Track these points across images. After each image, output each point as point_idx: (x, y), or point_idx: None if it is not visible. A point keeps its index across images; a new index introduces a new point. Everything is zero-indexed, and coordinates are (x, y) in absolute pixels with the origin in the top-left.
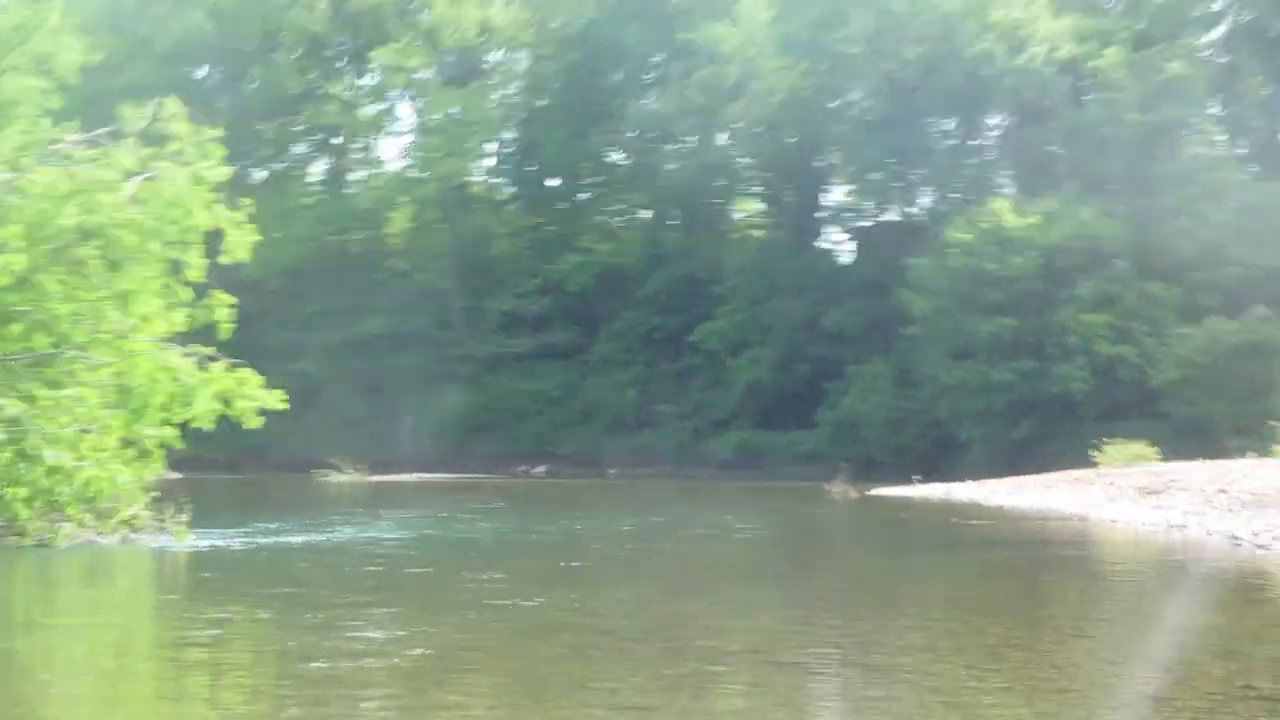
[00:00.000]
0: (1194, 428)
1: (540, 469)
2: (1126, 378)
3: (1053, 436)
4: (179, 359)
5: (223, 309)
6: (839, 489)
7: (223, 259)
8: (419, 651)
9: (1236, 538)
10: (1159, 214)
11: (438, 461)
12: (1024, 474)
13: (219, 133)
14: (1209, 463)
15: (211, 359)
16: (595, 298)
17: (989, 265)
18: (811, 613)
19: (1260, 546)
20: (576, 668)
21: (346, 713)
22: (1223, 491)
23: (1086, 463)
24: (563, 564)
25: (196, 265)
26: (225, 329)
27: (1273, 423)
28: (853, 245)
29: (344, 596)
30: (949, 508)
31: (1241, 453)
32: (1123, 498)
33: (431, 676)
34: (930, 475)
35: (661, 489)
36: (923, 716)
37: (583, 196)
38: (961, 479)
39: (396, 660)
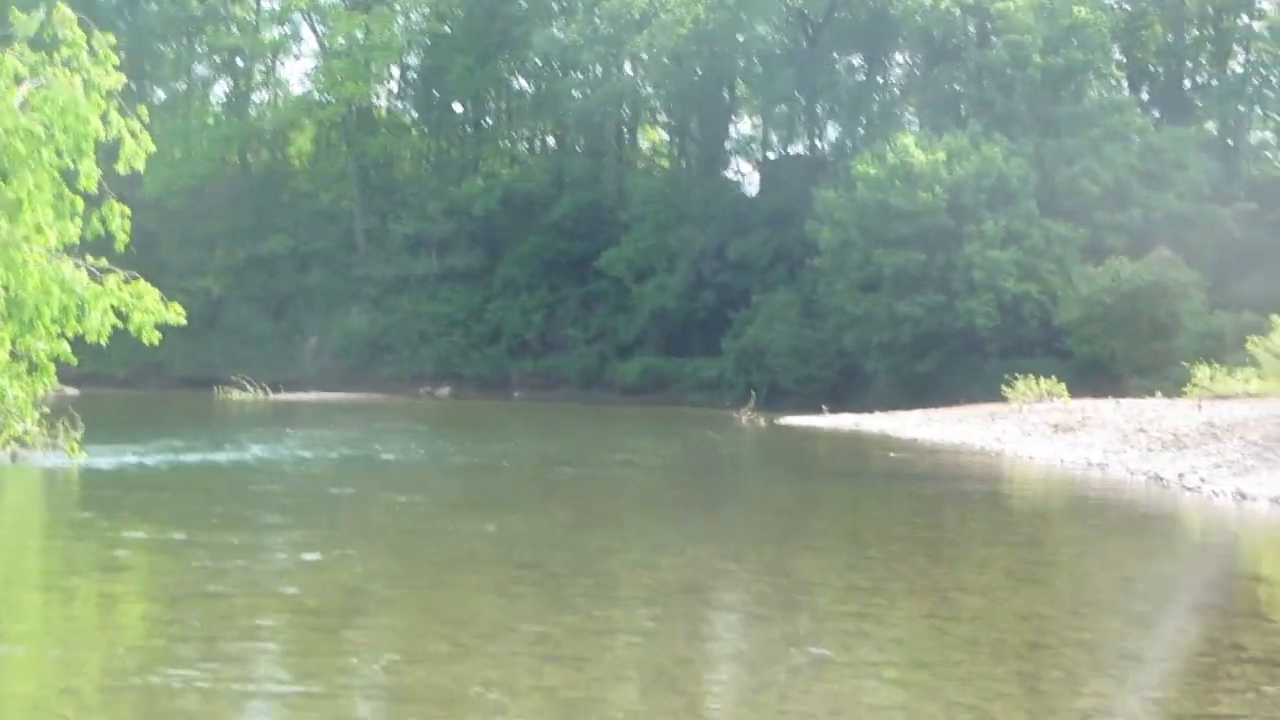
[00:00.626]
0: (1096, 366)
1: (444, 390)
2: (1031, 315)
3: (957, 371)
4: (71, 270)
5: (119, 219)
6: (748, 416)
7: (119, 167)
8: (329, 582)
9: (1161, 478)
10: (1064, 155)
11: (340, 381)
12: (929, 407)
13: (112, 39)
14: (1121, 401)
15: (107, 271)
16: (500, 222)
17: (895, 200)
18: (743, 548)
19: (1188, 488)
20: (501, 607)
21: (241, 655)
22: (1141, 431)
23: (992, 397)
24: (478, 489)
25: (90, 174)
26: (122, 240)
27: (1184, 364)
28: (758, 177)
29: (250, 519)
30: (862, 438)
31: (1144, 392)
32: (1036, 434)
33: (341, 615)
34: (836, 406)
35: (568, 413)
36: (893, 678)
37: (488, 122)
38: (867, 410)
39: (303, 593)
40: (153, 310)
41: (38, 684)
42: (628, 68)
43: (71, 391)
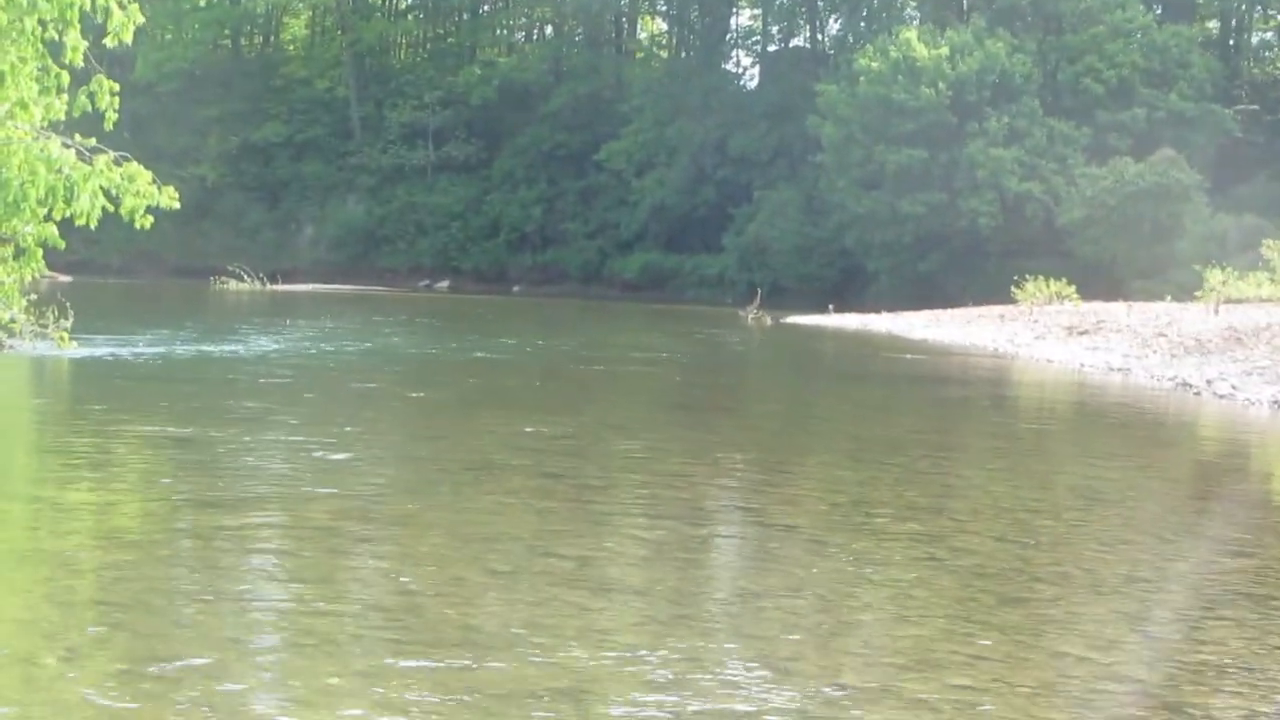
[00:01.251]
0: (1098, 268)
1: (442, 284)
2: (1033, 215)
3: (959, 271)
4: (59, 149)
5: (108, 96)
6: (753, 315)
7: (108, 40)
8: (341, 492)
9: (1189, 384)
10: (1067, 52)
11: (336, 273)
12: (930, 307)
13: None
14: (1132, 305)
15: (96, 151)
16: (498, 112)
17: (898, 95)
18: (784, 458)
19: (1220, 395)
20: (531, 527)
21: (231, 583)
22: (1161, 335)
23: (993, 299)
24: (496, 387)
25: (76, 47)
26: (111, 119)
27: (1195, 267)
28: (758, 70)
29: (253, 415)
30: (873, 339)
31: (1146, 295)
32: (1050, 336)
33: (354, 536)
34: (837, 305)
35: (571, 308)
36: (976, 605)
37: (485, 9)
38: (868, 309)
39: (311, 505)
40: (145, 194)
41: (24, 596)
42: None
43: (63, 279)
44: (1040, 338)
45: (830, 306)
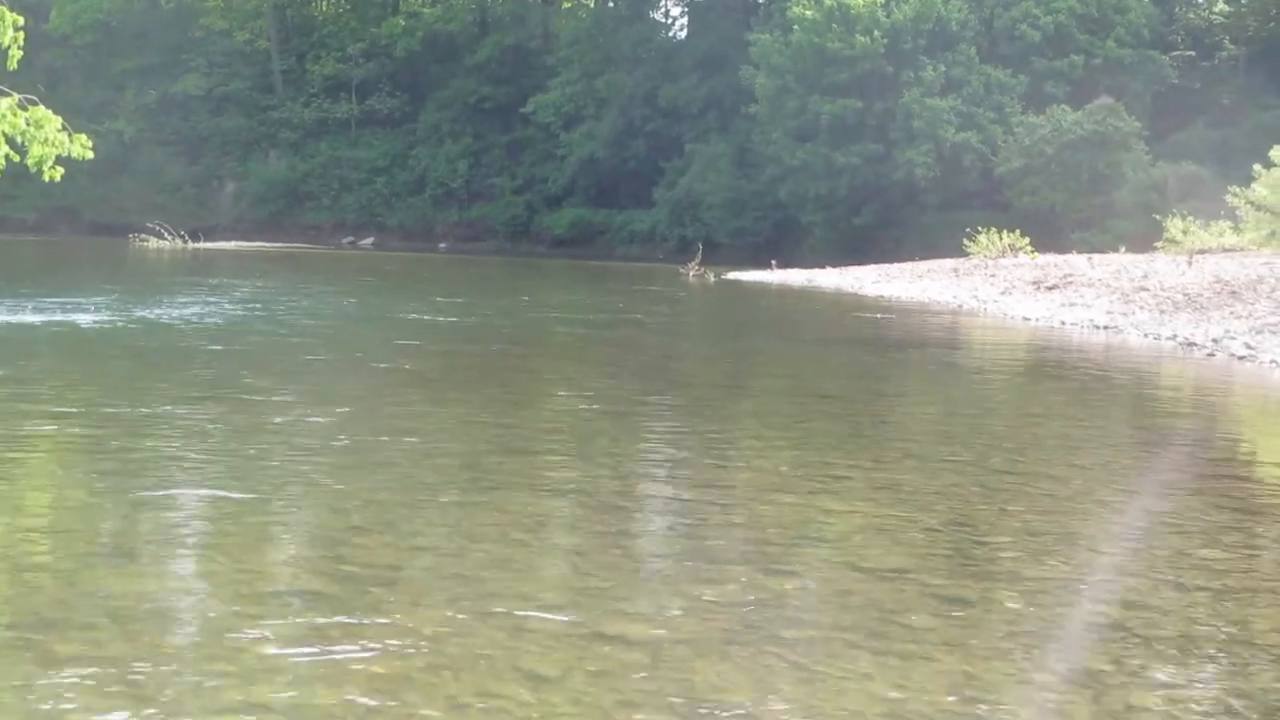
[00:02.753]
0: (1036, 219)
1: (367, 241)
2: (971, 166)
3: (894, 224)
4: None
5: (10, 31)
6: (695, 272)
7: None
8: (320, 508)
9: (1193, 344)
10: None
11: (259, 230)
12: (864, 262)
13: None
14: (1093, 257)
15: (0, 93)
16: (422, 65)
17: (832, 44)
18: (843, 444)
19: (1238, 356)
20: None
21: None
22: (1142, 289)
23: (930, 252)
24: (478, 356)
25: None
26: (15, 56)
27: (1156, 216)
28: (687, 20)
29: (203, 391)
30: (829, 297)
31: (1084, 246)
32: (1016, 291)
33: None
34: (770, 260)
35: (502, 266)
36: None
37: None
38: (803, 265)
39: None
40: (54, 142)
41: None
42: None
43: None
44: (1005, 293)
45: (773, 262)
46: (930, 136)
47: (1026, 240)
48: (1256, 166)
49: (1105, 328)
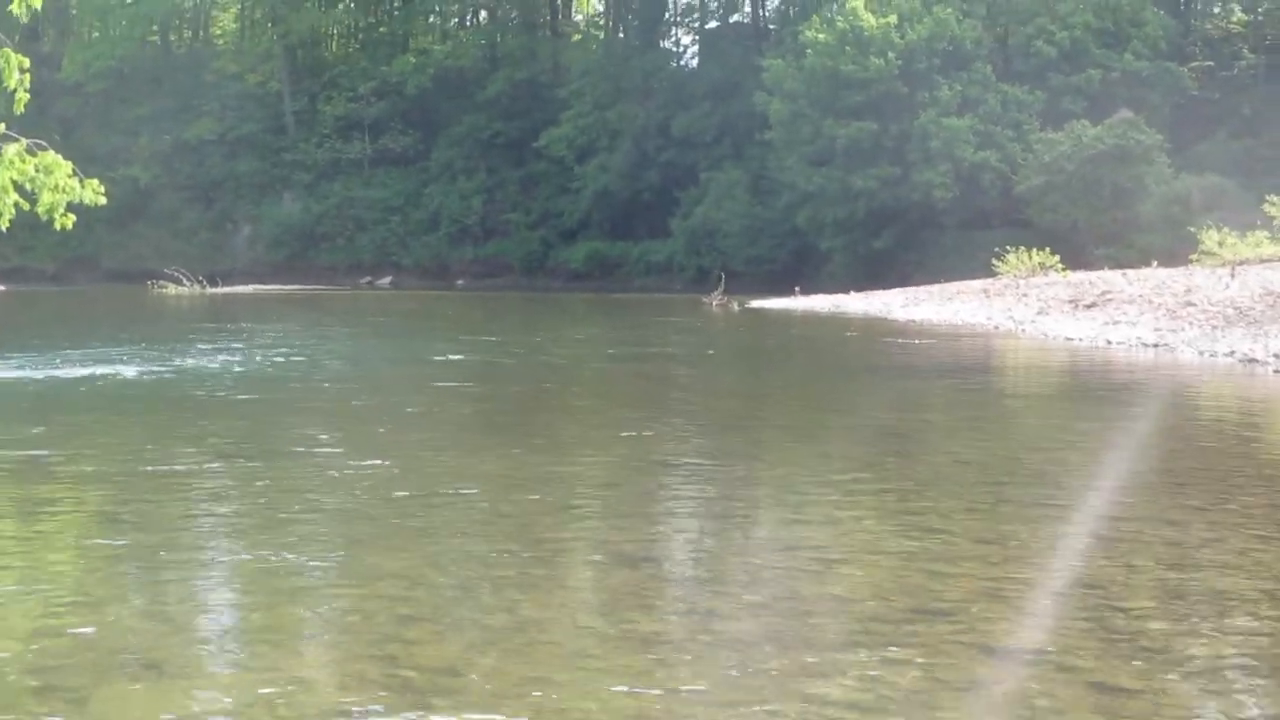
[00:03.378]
0: (1058, 236)
1: (385, 280)
2: (990, 185)
3: (914, 246)
4: None
5: (16, 73)
6: (718, 301)
7: (13, 8)
8: (344, 573)
9: (1256, 359)
10: (1017, 14)
11: (275, 272)
12: (883, 285)
13: None
14: (1127, 272)
15: (4, 139)
16: (434, 102)
17: (846, 67)
18: (908, 497)
19: None
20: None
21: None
22: (1189, 304)
23: (950, 274)
24: (495, 396)
25: None
26: (22, 99)
27: (1190, 229)
28: (698, 48)
29: (243, 448)
30: (858, 321)
31: (1108, 262)
32: (1054, 310)
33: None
34: (789, 286)
35: (523, 302)
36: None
37: None
38: (823, 290)
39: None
40: (65, 188)
41: None
42: None
43: None
44: (1042, 313)
45: (796, 289)
46: (948, 157)
47: (1056, 258)
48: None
49: (1155, 345)
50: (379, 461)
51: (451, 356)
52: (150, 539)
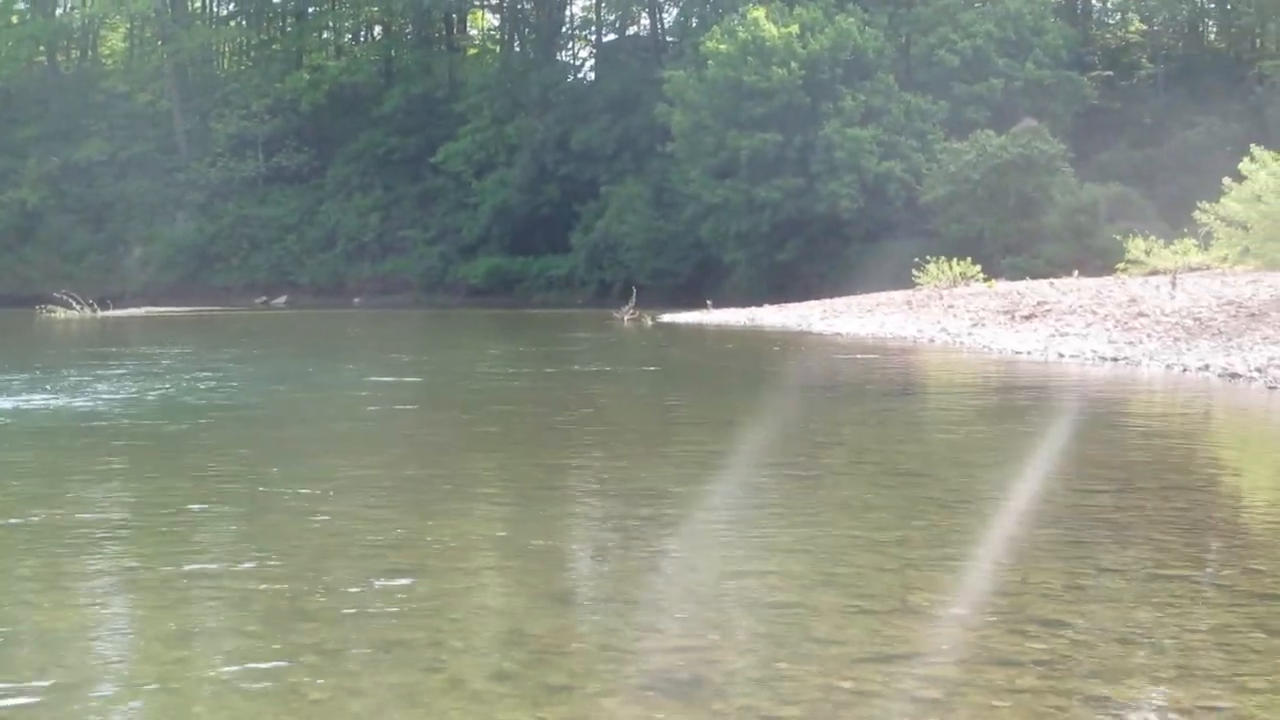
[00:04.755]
0: (964, 246)
1: (280, 300)
2: (895, 195)
3: (818, 258)
4: None
5: None
6: (630, 316)
7: None
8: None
9: (1236, 373)
10: (920, 24)
11: (169, 294)
12: (788, 298)
13: None
14: (1055, 282)
15: None
16: (329, 118)
17: (749, 77)
18: (954, 551)
19: None
20: None
21: None
22: (1141, 315)
23: (855, 286)
24: (435, 421)
25: None
26: None
27: (1116, 236)
28: (596, 61)
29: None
30: (784, 336)
31: (1016, 273)
32: (990, 323)
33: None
34: (693, 300)
35: (424, 320)
36: None
37: (310, 11)
38: (727, 304)
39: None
40: None
41: None
42: None
43: None
44: (978, 325)
45: (708, 302)
46: (853, 167)
47: (978, 268)
48: (1227, 180)
49: (1114, 359)
50: (325, 512)
51: (368, 377)
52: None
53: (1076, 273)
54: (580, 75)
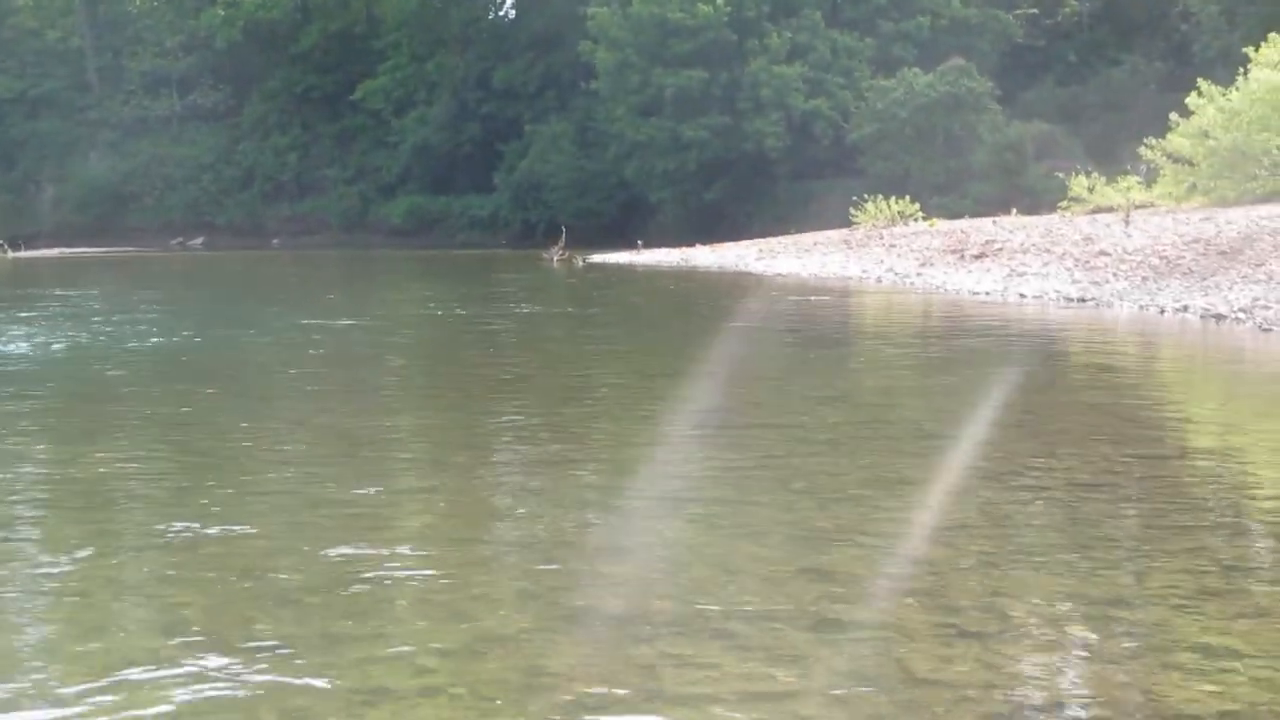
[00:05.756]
0: (891, 185)
1: (197, 241)
2: (822, 134)
3: (746, 197)
4: None
5: None
6: (559, 256)
7: None
8: None
9: (1220, 314)
10: None
11: (83, 235)
12: (716, 238)
13: None
14: (999, 220)
15: None
16: (245, 55)
17: (674, 14)
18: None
19: None
20: None
21: None
22: (1103, 254)
23: (784, 225)
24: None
25: None
26: None
27: (1058, 173)
28: None
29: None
30: (724, 277)
31: (944, 212)
32: (940, 262)
33: None
34: (620, 240)
35: (345, 261)
36: None
37: None
38: (654, 244)
39: None
40: None
41: None
42: None
43: None
44: (926, 265)
45: (639, 243)
46: (779, 105)
47: (916, 206)
48: (1174, 116)
49: (1080, 300)
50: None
51: (307, 321)
52: None
53: (1015, 210)
54: (502, 13)
